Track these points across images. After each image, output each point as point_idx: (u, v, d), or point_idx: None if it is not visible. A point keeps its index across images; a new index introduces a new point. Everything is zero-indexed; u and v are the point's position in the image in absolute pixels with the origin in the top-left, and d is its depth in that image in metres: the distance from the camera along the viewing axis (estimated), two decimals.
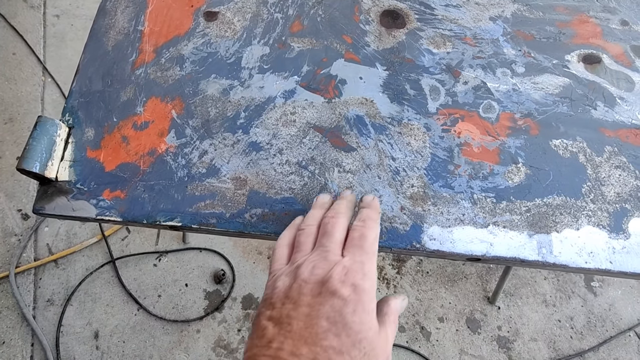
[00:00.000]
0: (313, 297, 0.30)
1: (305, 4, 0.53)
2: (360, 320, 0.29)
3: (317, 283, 0.31)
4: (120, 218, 0.42)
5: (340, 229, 0.34)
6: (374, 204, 0.37)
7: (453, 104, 0.46)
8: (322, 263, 0.32)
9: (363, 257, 0.32)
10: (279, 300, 0.31)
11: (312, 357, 0.27)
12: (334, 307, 0.29)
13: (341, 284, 0.30)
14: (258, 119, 0.46)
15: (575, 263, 0.40)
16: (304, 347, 0.28)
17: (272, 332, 0.29)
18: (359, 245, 0.33)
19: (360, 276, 0.31)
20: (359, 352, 0.29)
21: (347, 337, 0.29)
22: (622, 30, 0.51)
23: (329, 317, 0.29)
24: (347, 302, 0.29)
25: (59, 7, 1.54)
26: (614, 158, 0.44)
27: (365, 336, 0.29)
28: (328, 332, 0.28)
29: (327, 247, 0.33)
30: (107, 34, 0.51)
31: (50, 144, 0.42)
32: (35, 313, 1.06)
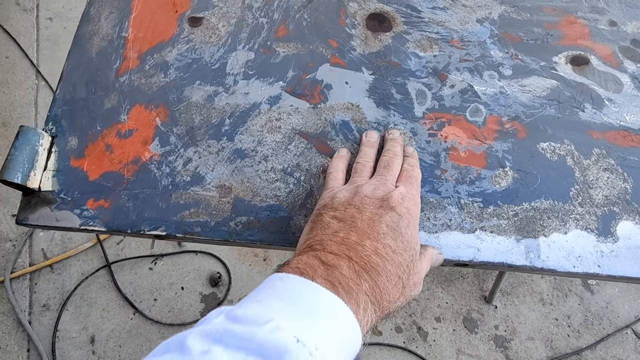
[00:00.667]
0: (375, 207, 0.34)
1: (291, 8, 0.52)
2: (411, 234, 0.34)
3: (378, 199, 0.35)
4: (105, 228, 0.41)
5: (398, 167, 0.40)
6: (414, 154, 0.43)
7: (440, 108, 0.46)
8: (382, 186, 0.36)
9: (414, 191, 0.37)
10: (342, 205, 0.35)
11: (374, 249, 0.32)
12: (393, 218, 0.34)
13: (399, 203, 0.35)
14: (243, 125, 0.45)
15: (564, 267, 0.39)
16: (367, 241, 0.32)
17: (337, 225, 0.33)
18: (410, 182, 0.38)
19: (413, 203, 0.36)
20: (408, 256, 0.33)
21: (401, 242, 0.33)
22: (611, 30, 0.51)
23: (388, 224, 0.33)
24: (402, 217, 0.34)
25: (52, 10, 1.54)
26: (602, 160, 0.43)
27: (414, 247, 0.34)
28: (387, 235, 0.33)
29: (385, 176, 0.38)
30: (91, 40, 0.50)
31: (32, 153, 0.42)
32: (30, 318, 1.06)
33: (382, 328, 1.08)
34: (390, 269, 0.31)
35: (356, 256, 0.31)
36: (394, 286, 0.32)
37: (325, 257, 0.31)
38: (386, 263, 0.31)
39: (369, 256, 0.31)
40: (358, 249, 0.31)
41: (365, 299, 0.29)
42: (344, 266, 0.30)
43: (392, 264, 0.32)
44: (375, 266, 0.31)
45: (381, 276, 0.31)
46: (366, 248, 0.32)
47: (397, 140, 0.43)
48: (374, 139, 0.43)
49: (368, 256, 0.31)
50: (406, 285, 0.33)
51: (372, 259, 0.31)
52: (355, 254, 0.31)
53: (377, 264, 0.31)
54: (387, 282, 0.31)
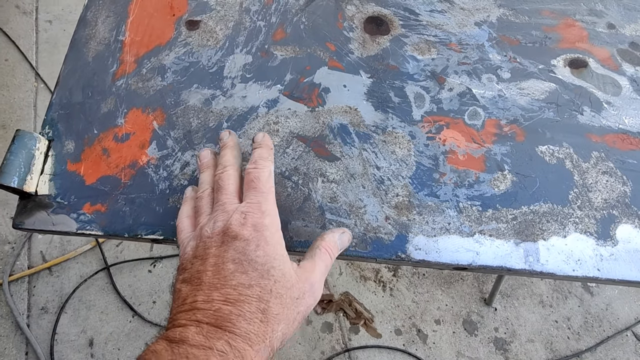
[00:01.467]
0: (217, 247, 0.32)
1: (289, 12, 0.52)
2: (264, 253, 0.31)
3: (219, 234, 0.32)
4: (101, 232, 0.41)
5: (232, 180, 0.36)
6: (264, 142, 0.38)
7: (438, 111, 0.46)
8: (222, 215, 0.33)
9: (259, 198, 0.34)
10: (189, 262, 0.32)
11: (224, 298, 0.29)
12: (237, 249, 0.31)
13: (241, 227, 0.32)
14: (241, 129, 0.45)
15: (563, 271, 0.39)
16: (215, 292, 0.30)
17: (185, 291, 0.31)
18: (254, 187, 0.34)
19: (259, 215, 0.33)
20: (268, 280, 0.30)
21: (254, 271, 0.30)
22: (609, 33, 0.51)
23: (235, 259, 0.31)
24: (249, 241, 0.31)
25: (51, 13, 1.54)
26: (601, 164, 0.43)
27: (272, 265, 0.31)
28: (235, 272, 0.30)
29: (223, 200, 0.35)
30: (88, 44, 0.50)
31: (29, 157, 0.42)
32: (29, 321, 1.06)
33: (382, 330, 1.07)
34: (249, 309, 0.29)
35: (204, 316, 0.29)
36: (260, 323, 0.29)
37: (173, 334, 0.28)
38: (241, 306, 0.29)
39: (218, 310, 0.29)
40: (206, 308, 0.29)
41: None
42: (190, 334, 0.28)
43: (249, 301, 0.29)
44: (228, 316, 0.28)
45: (237, 325, 0.28)
46: (214, 303, 0.29)
47: (226, 145, 0.39)
48: (207, 159, 0.39)
49: (217, 310, 0.29)
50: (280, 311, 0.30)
51: (223, 310, 0.29)
52: (203, 314, 0.29)
53: (230, 312, 0.29)
54: (248, 325, 0.28)
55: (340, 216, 0.41)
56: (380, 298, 1.12)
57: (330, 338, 1.06)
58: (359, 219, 0.41)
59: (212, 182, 0.37)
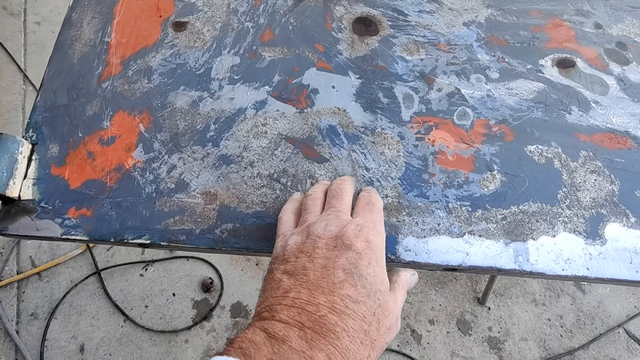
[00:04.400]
0: (328, 250, 0.30)
1: (277, 12, 0.52)
2: (374, 272, 0.30)
3: (331, 238, 0.31)
4: (87, 237, 0.40)
5: (349, 194, 0.36)
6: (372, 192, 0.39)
7: (427, 111, 0.46)
8: (335, 221, 0.32)
9: (374, 218, 0.34)
10: (293, 254, 0.31)
11: (330, 305, 0.28)
12: (350, 260, 0.30)
13: (356, 238, 0.31)
14: (228, 131, 0.45)
15: (552, 270, 0.39)
16: (322, 296, 0.28)
17: (288, 283, 0.30)
18: (369, 210, 0.35)
19: (374, 233, 0.32)
20: (374, 302, 0.29)
21: (362, 288, 0.29)
22: (596, 33, 0.51)
23: (345, 269, 0.29)
24: (361, 255, 0.30)
25: (39, 15, 1.52)
26: (589, 163, 0.43)
27: (380, 289, 0.30)
28: (344, 282, 0.29)
29: (337, 207, 0.34)
30: (73, 46, 0.50)
31: (11, 161, 0.41)
32: (18, 328, 1.04)
33: None
34: (353, 326, 0.27)
35: (309, 320, 0.27)
36: (360, 344, 0.27)
37: (273, 328, 0.27)
38: (346, 320, 0.27)
39: (324, 317, 0.27)
40: (311, 310, 0.27)
41: None
42: (293, 338, 0.26)
43: (355, 318, 0.28)
44: (333, 328, 0.27)
45: (341, 339, 0.27)
46: (320, 307, 0.28)
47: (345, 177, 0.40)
48: (324, 181, 0.41)
49: (323, 317, 0.27)
50: (377, 337, 0.29)
51: (329, 319, 0.27)
52: (308, 317, 0.27)
53: (335, 323, 0.27)
54: (350, 343, 0.27)
55: None
56: None
57: None
58: None
59: (324, 189, 0.38)
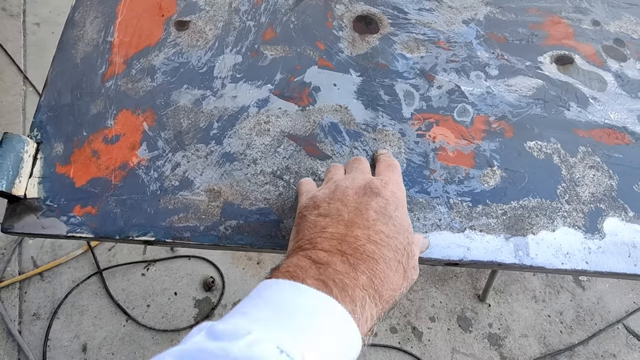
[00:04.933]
0: (359, 196, 0.33)
1: (278, 11, 0.52)
2: (402, 216, 0.33)
3: (360, 187, 0.34)
4: (92, 234, 0.41)
5: (367, 167, 0.38)
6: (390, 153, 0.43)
7: (427, 108, 0.46)
8: (361, 175, 0.35)
9: (396, 176, 0.37)
10: (324, 201, 0.33)
11: (367, 237, 0.30)
12: (379, 203, 0.32)
13: (383, 187, 0.33)
14: (231, 129, 0.45)
15: (552, 264, 0.40)
16: (358, 230, 0.30)
17: (324, 222, 0.32)
18: (391, 170, 0.38)
19: (397, 187, 0.35)
20: (404, 238, 0.32)
21: (393, 226, 0.31)
22: (594, 30, 0.52)
23: (377, 210, 0.32)
24: (389, 201, 0.33)
25: (39, 15, 1.52)
26: (587, 158, 0.44)
27: (407, 229, 0.32)
28: (377, 221, 0.31)
29: (359, 168, 0.37)
30: (76, 45, 0.50)
31: (17, 160, 0.42)
32: (21, 328, 1.04)
33: (377, 329, 1.07)
34: (388, 255, 0.30)
35: (349, 249, 0.29)
36: (395, 272, 0.30)
37: (317, 255, 0.29)
38: (383, 249, 0.30)
39: (363, 245, 0.30)
40: (350, 241, 0.30)
41: (362, 295, 0.27)
42: (337, 262, 0.28)
43: (389, 249, 0.30)
44: (372, 254, 0.29)
45: (379, 264, 0.29)
46: (359, 238, 0.30)
47: None
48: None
49: (362, 246, 0.30)
50: (407, 269, 0.31)
51: (367, 247, 0.30)
52: (348, 246, 0.29)
53: (373, 251, 0.29)
54: (387, 269, 0.29)
55: None
56: None
57: None
58: None
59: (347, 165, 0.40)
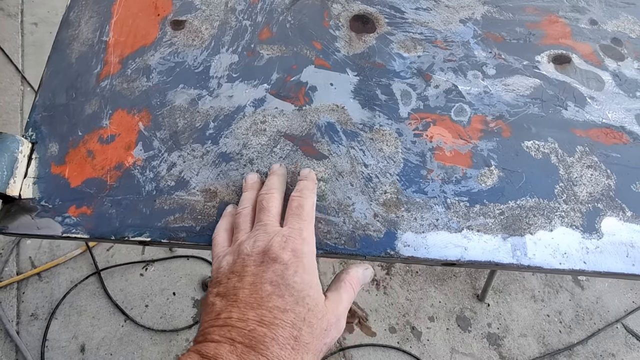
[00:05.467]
0: (256, 266, 0.32)
1: (275, 11, 0.52)
2: (301, 280, 0.32)
3: (259, 254, 0.33)
4: (88, 235, 0.41)
5: (276, 203, 0.37)
6: (310, 176, 0.40)
7: (424, 108, 0.46)
8: (262, 235, 0.34)
9: (301, 224, 0.35)
10: (225, 276, 0.33)
11: (259, 319, 0.30)
12: (276, 272, 0.32)
13: (281, 250, 0.32)
14: (227, 129, 0.45)
15: (550, 264, 0.39)
16: (251, 312, 0.30)
17: (220, 305, 0.31)
18: (297, 214, 0.35)
19: (300, 242, 0.33)
20: (302, 308, 0.31)
21: (290, 296, 0.31)
22: (591, 29, 0.51)
23: (272, 281, 0.31)
24: (288, 265, 0.32)
25: (36, 15, 1.52)
26: (585, 158, 0.44)
27: (308, 294, 0.32)
28: (272, 295, 0.31)
29: (265, 221, 0.35)
30: (71, 45, 0.50)
31: (11, 160, 0.41)
32: (18, 328, 1.04)
33: (376, 329, 1.07)
34: (282, 334, 0.29)
35: (239, 335, 0.29)
36: (292, 350, 0.29)
37: (206, 349, 0.28)
38: (275, 329, 0.29)
39: (253, 330, 0.29)
40: (241, 326, 0.29)
41: None
42: (224, 354, 0.28)
43: (284, 326, 0.29)
44: (262, 338, 0.29)
45: (270, 348, 0.28)
46: (249, 322, 0.29)
47: (275, 172, 0.40)
48: (253, 180, 0.40)
49: (252, 330, 0.29)
50: (310, 340, 0.30)
51: (257, 331, 0.29)
52: (238, 333, 0.29)
53: (264, 334, 0.29)
54: (280, 350, 0.29)
55: (329, 214, 0.41)
56: (374, 296, 1.12)
57: None
58: (348, 216, 0.41)
59: (253, 202, 0.38)
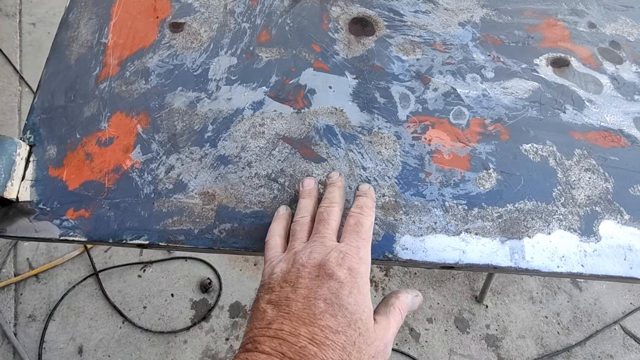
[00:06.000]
0: (311, 280, 0.32)
1: (273, 13, 0.52)
2: (355, 301, 0.31)
3: (314, 267, 0.32)
4: (85, 238, 0.40)
5: (336, 217, 0.37)
6: (370, 193, 0.39)
7: (423, 111, 0.46)
8: (320, 248, 0.33)
9: (359, 243, 0.34)
10: (278, 284, 0.32)
11: (310, 336, 0.29)
12: (331, 289, 0.31)
13: (338, 267, 0.32)
14: (226, 131, 0.45)
15: (548, 268, 0.39)
16: (303, 328, 0.29)
17: (271, 314, 0.31)
18: (356, 231, 0.35)
19: (357, 260, 0.33)
20: (354, 331, 0.30)
21: (343, 318, 0.30)
22: (590, 32, 0.52)
23: (326, 299, 0.30)
24: (343, 284, 0.31)
25: (35, 15, 1.51)
26: (583, 161, 0.44)
27: (360, 317, 0.31)
28: (325, 313, 0.30)
29: (323, 234, 0.35)
30: (70, 47, 0.50)
31: (9, 163, 0.41)
32: (16, 330, 1.04)
33: None
34: (332, 356, 0.29)
35: (290, 351, 0.28)
36: None
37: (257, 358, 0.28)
38: (326, 350, 0.29)
39: (304, 348, 0.28)
40: (292, 341, 0.29)
41: None
42: None
43: (335, 348, 0.29)
44: (313, 358, 0.28)
45: None
46: (301, 338, 0.29)
47: (335, 184, 0.39)
48: (310, 187, 0.40)
49: (303, 348, 0.28)
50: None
51: (308, 349, 0.28)
52: (289, 348, 0.29)
53: (315, 354, 0.28)
54: None
55: None
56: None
57: None
58: None
59: (312, 212, 0.38)
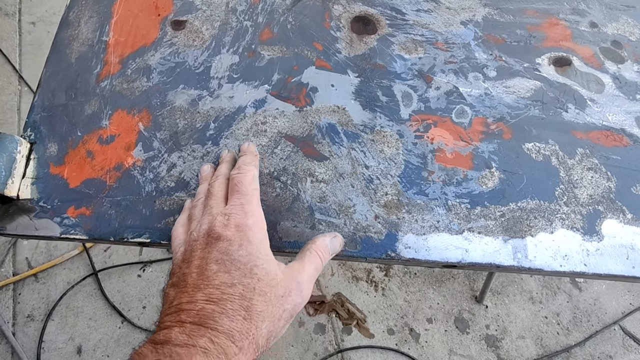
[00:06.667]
0: (202, 249, 0.33)
1: (275, 11, 0.52)
2: (247, 252, 0.32)
3: (204, 236, 0.33)
4: (86, 236, 0.40)
5: (222, 187, 0.38)
6: (249, 149, 0.41)
7: (426, 109, 0.46)
8: (207, 218, 0.35)
9: (242, 199, 0.35)
10: (177, 266, 0.34)
11: (207, 298, 0.30)
12: (220, 250, 0.32)
13: (224, 227, 0.33)
14: (228, 129, 0.45)
15: (550, 267, 0.39)
16: (199, 293, 0.30)
17: (172, 294, 0.32)
18: (237, 190, 0.36)
19: (242, 216, 0.34)
20: (251, 279, 0.31)
21: (236, 270, 0.31)
22: (592, 32, 0.52)
23: (217, 260, 0.32)
24: (232, 241, 0.32)
25: (34, 15, 1.51)
26: (586, 160, 0.44)
27: (255, 264, 0.32)
28: (218, 272, 0.31)
29: (210, 205, 0.36)
30: (71, 45, 0.49)
31: (10, 161, 0.41)
32: (14, 330, 1.03)
33: (374, 330, 1.07)
34: (231, 307, 0.30)
35: (188, 316, 0.29)
36: (243, 320, 0.29)
37: (158, 336, 0.29)
38: (224, 304, 0.30)
39: (201, 309, 0.29)
40: (189, 308, 0.30)
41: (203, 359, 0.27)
42: (173, 335, 0.28)
43: (232, 300, 0.30)
44: (211, 314, 0.29)
45: (220, 322, 0.29)
46: (198, 303, 0.30)
47: (224, 160, 0.41)
48: (206, 172, 0.41)
49: (201, 310, 0.29)
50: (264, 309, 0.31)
51: (206, 309, 0.29)
52: (187, 314, 0.29)
53: (213, 310, 0.29)
54: (230, 322, 0.29)
55: (330, 216, 0.41)
56: (373, 298, 1.12)
57: (322, 339, 1.06)
58: (349, 218, 0.41)
59: (206, 192, 0.39)
